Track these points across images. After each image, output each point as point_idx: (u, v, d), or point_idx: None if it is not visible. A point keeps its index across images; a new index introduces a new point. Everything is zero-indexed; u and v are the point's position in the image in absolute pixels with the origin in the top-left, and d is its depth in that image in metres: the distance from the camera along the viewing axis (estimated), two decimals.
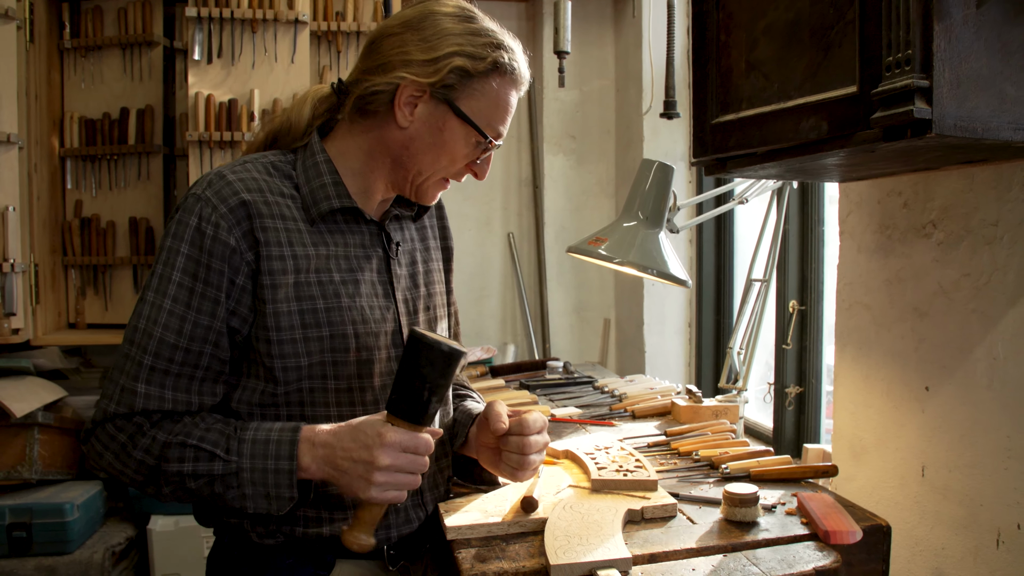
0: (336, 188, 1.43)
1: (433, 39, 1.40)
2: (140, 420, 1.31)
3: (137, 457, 1.30)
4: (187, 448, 1.29)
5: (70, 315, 3.89)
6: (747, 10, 1.49)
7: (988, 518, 1.64)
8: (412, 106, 1.41)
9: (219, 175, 1.37)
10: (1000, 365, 1.61)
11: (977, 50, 1.15)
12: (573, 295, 4.43)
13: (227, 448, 1.30)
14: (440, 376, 1.27)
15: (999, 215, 1.60)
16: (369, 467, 1.26)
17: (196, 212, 1.32)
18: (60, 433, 3.48)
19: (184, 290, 1.31)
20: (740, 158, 1.56)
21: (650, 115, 3.80)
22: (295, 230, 1.39)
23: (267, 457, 1.29)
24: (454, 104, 1.40)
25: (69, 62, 3.84)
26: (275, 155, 1.47)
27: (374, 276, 1.48)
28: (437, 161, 1.44)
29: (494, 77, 1.42)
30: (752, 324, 2.39)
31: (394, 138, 1.43)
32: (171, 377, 1.32)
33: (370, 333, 1.43)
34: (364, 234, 1.49)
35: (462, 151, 1.44)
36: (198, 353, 1.33)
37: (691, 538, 1.43)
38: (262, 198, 1.36)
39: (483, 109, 1.42)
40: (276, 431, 1.32)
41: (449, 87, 1.39)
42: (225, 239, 1.32)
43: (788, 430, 2.82)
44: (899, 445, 1.89)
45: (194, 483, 1.30)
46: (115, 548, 3.33)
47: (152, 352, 1.31)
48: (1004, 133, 1.18)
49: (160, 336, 1.31)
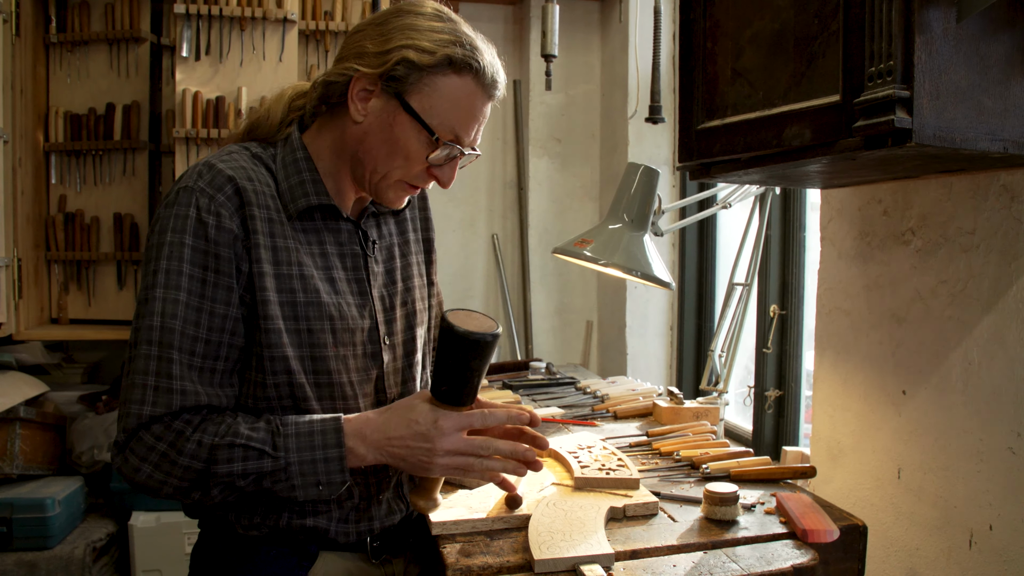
0: (315, 186, 1.43)
1: (390, 33, 1.39)
2: (180, 426, 1.29)
3: (183, 464, 1.28)
4: (235, 448, 1.29)
5: (53, 310, 3.87)
6: (733, 19, 1.52)
7: (961, 519, 1.67)
8: (365, 100, 1.40)
9: (208, 165, 1.37)
10: (974, 370, 1.64)
11: (956, 63, 1.18)
12: (556, 297, 4.45)
13: (274, 445, 1.30)
14: (483, 361, 1.33)
15: (975, 224, 1.64)
16: (430, 453, 1.33)
17: (193, 204, 1.32)
18: (41, 428, 3.47)
19: (196, 282, 1.30)
20: (724, 163, 1.59)
21: (635, 119, 3.83)
22: (277, 221, 1.39)
23: (314, 448, 1.32)
24: (403, 98, 1.38)
25: (55, 56, 3.82)
26: (256, 147, 1.47)
27: (350, 274, 1.49)
28: (391, 159, 1.42)
29: (448, 74, 1.38)
30: (733, 328, 2.42)
31: (352, 134, 1.43)
32: (195, 371, 1.31)
33: (347, 330, 1.45)
34: (341, 231, 1.49)
35: (415, 150, 1.41)
36: (217, 343, 1.33)
37: (672, 535, 1.45)
38: (251, 187, 1.37)
39: (435, 106, 1.39)
40: (318, 423, 1.34)
41: (398, 80, 1.37)
42: (229, 226, 1.32)
43: (767, 432, 2.86)
44: (875, 447, 1.93)
45: (243, 482, 1.30)
46: (96, 544, 3.32)
47: (177, 347, 1.29)
48: (981, 144, 1.22)
49: (181, 330, 1.29)
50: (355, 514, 1.49)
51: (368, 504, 1.50)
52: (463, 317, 1.33)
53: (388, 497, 1.54)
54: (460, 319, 1.32)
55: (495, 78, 1.44)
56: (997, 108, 1.22)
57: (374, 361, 1.51)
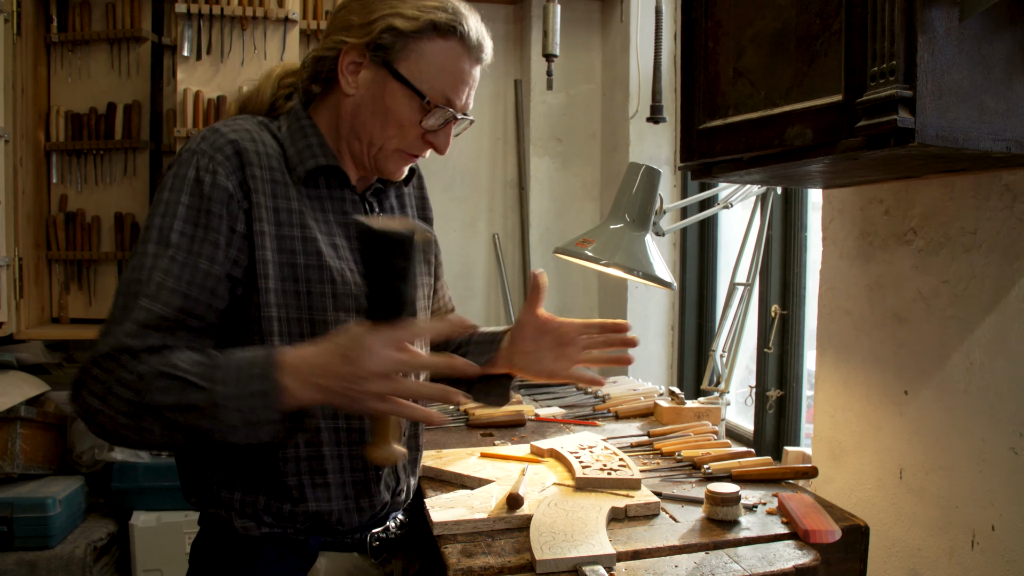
0: (322, 148, 1.44)
1: (374, 4, 1.41)
2: (123, 357, 1.20)
3: (123, 396, 1.19)
4: (169, 379, 1.18)
5: (54, 310, 3.87)
6: (735, 19, 1.52)
7: (963, 520, 1.67)
8: (355, 73, 1.42)
9: (212, 129, 1.38)
10: (976, 370, 1.64)
11: (959, 63, 1.18)
12: (557, 297, 4.45)
13: (203, 375, 1.19)
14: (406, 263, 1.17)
15: (978, 223, 1.63)
16: (359, 380, 1.17)
17: (193, 164, 1.32)
18: (42, 428, 3.47)
19: (185, 238, 1.28)
20: (726, 163, 1.58)
21: (636, 119, 3.83)
22: (281, 183, 1.39)
23: (245, 381, 1.19)
24: (391, 66, 1.40)
25: (56, 56, 3.82)
26: (262, 118, 1.48)
27: (353, 243, 1.48)
28: (385, 129, 1.43)
29: (433, 38, 1.40)
30: (735, 328, 2.42)
31: (345, 108, 1.45)
32: (167, 322, 1.25)
33: (348, 295, 1.42)
34: (345, 201, 1.49)
35: (408, 116, 1.42)
36: (195, 300, 1.27)
37: (674, 536, 1.45)
38: (254, 148, 1.37)
39: (424, 71, 1.40)
40: (250, 353, 1.23)
41: (385, 48, 1.39)
42: (224, 184, 1.32)
43: (768, 432, 2.85)
44: (877, 448, 1.93)
45: (180, 416, 1.19)
46: (96, 543, 3.32)
47: (149, 296, 1.24)
48: (984, 144, 1.21)
49: (159, 281, 1.25)
50: (354, 489, 1.45)
51: (367, 482, 1.46)
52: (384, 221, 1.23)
53: (381, 488, 1.52)
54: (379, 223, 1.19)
55: (480, 41, 1.45)
56: (1000, 108, 1.22)
57: None
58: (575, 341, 1.63)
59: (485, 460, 1.87)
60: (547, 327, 1.64)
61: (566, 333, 1.63)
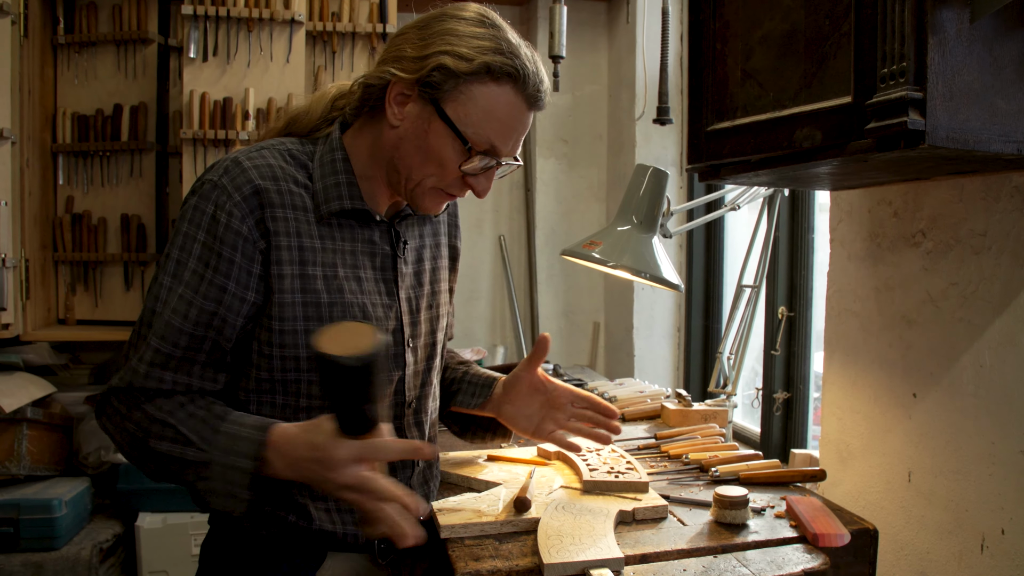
0: (349, 188, 1.42)
1: (430, 37, 1.36)
2: (138, 396, 1.32)
3: (129, 429, 1.31)
4: (167, 427, 1.28)
5: (60, 311, 3.88)
6: (743, 20, 1.51)
7: (973, 523, 1.66)
8: (402, 105, 1.39)
9: (235, 162, 1.36)
10: (986, 373, 1.63)
11: (969, 64, 1.17)
12: (563, 299, 4.45)
13: (201, 436, 1.27)
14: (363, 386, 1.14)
15: (987, 225, 1.63)
16: (331, 484, 1.21)
17: (212, 199, 1.33)
18: (48, 429, 3.47)
19: (196, 276, 1.32)
20: (734, 165, 1.58)
21: (642, 121, 3.83)
22: (304, 221, 1.39)
23: (233, 453, 1.25)
24: (438, 105, 1.36)
25: (63, 58, 3.83)
26: (293, 143, 1.46)
27: (378, 274, 1.48)
28: (425, 166, 1.40)
29: (486, 82, 1.35)
30: (742, 330, 2.42)
31: (388, 138, 1.42)
32: (174, 360, 1.32)
33: None
34: (373, 232, 1.48)
35: (449, 158, 1.38)
36: (201, 338, 1.33)
37: (682, 539, 1.45)
38: (275, 186, 1.36)
39: (471, 115, 1.36)
40: (248, 428, 1.27)
41: (434, 86, 1.35)
42: (238, 228, 1.32)
43: (775, 435, 2.85)
44: (886, 451, 1.92)
45: (173, 465, 1.29)
46: (103, 545, 3.32)
47: (160, 335, 1.31)
48: (994, 145, 1.21)
49: (168, 319, 1.31)
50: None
51: None
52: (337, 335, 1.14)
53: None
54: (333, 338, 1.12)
55: (537, 87, 1.40)
56: (1011, 109, 1.21)
57: (396, 363, 1.50)
58: (564, 407, 1.70)
59: (492, 462, 1.87)
60: (541, 387, 1.69)
61: (557, 397, 1.69)
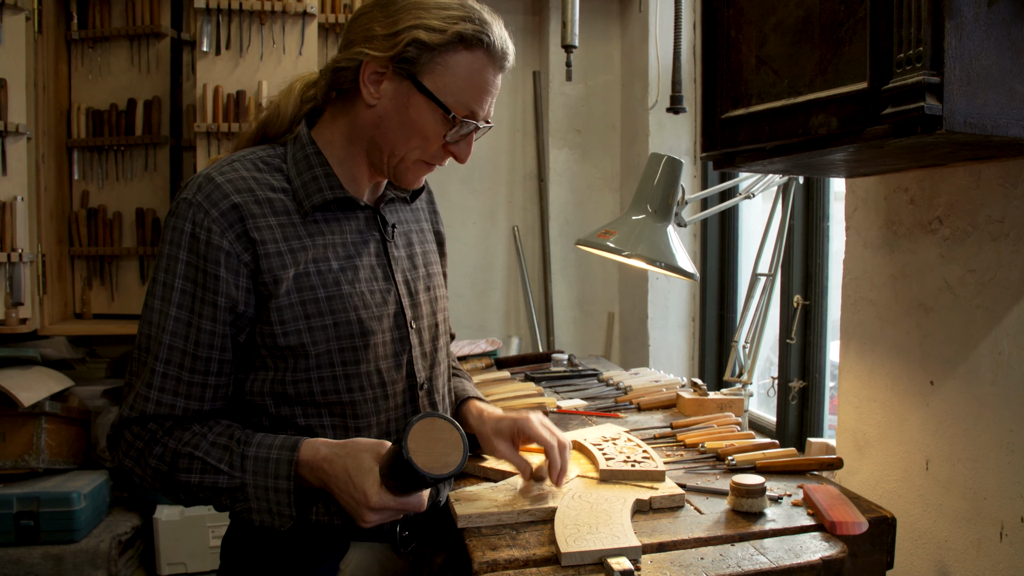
0: (328, 180, 1.43)
1: (396, 14, 1.38)
2: (153, 427, 1.34)
3: (152, 464, 1.34)
4: (195, 460, 1.32)
5: (76, 305, 3.90)
6: (757, 6, 1.50)
7: (991, 511, 1.65)
8: (377, 83, 1.39)
9: (207, 178, 1.37)
10: (1004, 360, 1.62)
11: (987, 48, 1.16)
12: (577, 289, 4.44)
13: (231, 463, 1.33)
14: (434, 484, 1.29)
15: (1005, 212, 1.61)
16: (359, 515, 1.30)
17: (189, 218, 1.33)
18: (67, 423, 3.50)
19: (187, 296, 1.33)
20: (749, 153, 1.57)
21: (655, 110, 3.81)
22: (289, 224, 1.39)
23: (267, 475, 1.32)
24: (416, 79, 1.37)
25: (77, 53, 3.85)
26: (263, 150, 1.47)
27: (372, 260, 1.49)
28: (408, 141, 1.42)
29: (459, 51, 1.37)
30: (757, 318, 2.41)
31: (365, 118, 1.42)
32: (183, 384, 1.34)
33: (373, 317, 1.44)
34: (359, 219, 1.49)
35: (432, 129, 1.40)
36: (206, 359, 1.34)
37: (699, 528, 1.44)
38: (252, 197, 1.37)
39: (449, 85, 1.38)
40: (276, 448, 1.34)
41: (410, 61, 1.36)
42: (218, 243, 1.32)
43: (791, 424, 2.84)
44: (903, 439, 1.91)
45: (203, 494, 1.34)
46: (121, 537, 3.35)
47: (163, 359, 1.33)
48: (1013, 130, 1.19)
49: (169, 343, 1.33)
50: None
51: None
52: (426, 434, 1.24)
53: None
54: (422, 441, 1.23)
55: (504, 50, 1.43)
56: None
57: (403, 345, 1.51)
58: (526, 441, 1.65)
59: None
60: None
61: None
